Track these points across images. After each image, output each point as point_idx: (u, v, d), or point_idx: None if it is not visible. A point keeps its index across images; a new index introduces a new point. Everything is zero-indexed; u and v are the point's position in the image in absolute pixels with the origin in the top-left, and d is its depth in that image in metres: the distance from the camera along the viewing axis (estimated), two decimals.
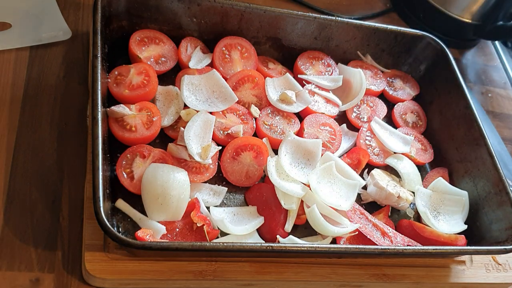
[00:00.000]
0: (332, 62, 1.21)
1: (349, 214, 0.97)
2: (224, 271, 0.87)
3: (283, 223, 0.94)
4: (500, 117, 1.48)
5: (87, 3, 1.16)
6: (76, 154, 0.94)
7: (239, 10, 1.09)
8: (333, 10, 1.48)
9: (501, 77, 1.60)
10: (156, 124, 0.96)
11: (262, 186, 0.98)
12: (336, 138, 1.09)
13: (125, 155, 0.92)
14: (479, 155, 1.09)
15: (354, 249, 0.88)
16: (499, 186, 1.04)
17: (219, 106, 1.02)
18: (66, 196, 0.90)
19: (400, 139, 1.15)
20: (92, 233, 0.83)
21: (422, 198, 1.07)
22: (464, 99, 1.15)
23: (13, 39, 1.04)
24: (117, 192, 0.89)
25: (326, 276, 0.93)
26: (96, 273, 0.80)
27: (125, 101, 0.97)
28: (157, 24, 1.08)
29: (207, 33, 1.12)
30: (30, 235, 0.84)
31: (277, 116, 1.08)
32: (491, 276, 1.05)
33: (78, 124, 0.98)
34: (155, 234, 0.85)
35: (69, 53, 1.06)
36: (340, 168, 1.03)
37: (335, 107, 1.15)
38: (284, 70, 1.17)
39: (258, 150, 1.00)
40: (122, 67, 1.00)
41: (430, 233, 1.00)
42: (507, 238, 0.99)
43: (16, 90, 0.98)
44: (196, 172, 0.94)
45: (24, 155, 0.91)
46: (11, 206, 0.86)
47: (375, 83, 1.23)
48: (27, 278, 0.80)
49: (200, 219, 0.87)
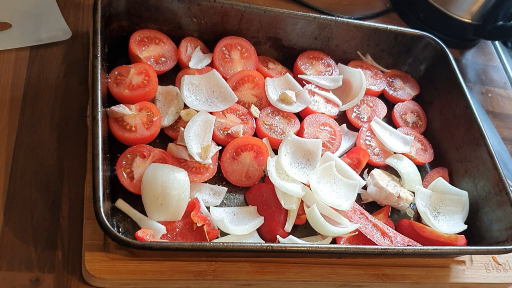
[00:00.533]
0: (332, 62, 1.21)
1: (349, 214, 0.97)
2: (224, 271, 0.87)
3: (283, 223, 0.94)
4: (500, 117, 1.48)
5: (87, 3, 1.16)
6: (76, 154, 0.94)
7: (239, 10, 1.09)
8: (333, 10, 1.48)
9: (501, 77, 1.60)
10: (156, 124, 0.96)
11: (262, 186, 0.98)
12: (336, 138, 1.09)
13: (125, 155, 0.92)
14: (479, 155, 1.09)
15: (354, 249, 0.88)
16: (499, 186, 1.04)
17: (219, 106, 1.02)
18: (66, 196, 0.90)
19: (400, 139, 1.15)
20: (92, 233, 0.83)
21: (422, 198, 1.07)
22: (464, 99, 1.15)
23: (13, 39, 1.04)
24: (117, 192, 0.89)
25: (326, 276, 0.93)
26: (96, 273, 0.80)
27: (125, 101, 0.97)
28: (157, 24, 1.08)
29: (207, 33, 1.12)
30: (30, 235, 0.84)
31: (277, 116, 1.08)
32: (491, 276, 1.05)
33: (78, 124, 0.98)
34: (155, 234, 0.85)
35: (69, 53, 1.06)
36: (340, 168, 1.03)
37: (335, 107, 1.15)
38: (284, 70, 1.17)
39: (258, 150, 1.00)
40: (122, 67, 1.00)
41: (430, 233, 1.00)
42: (507, 238, 0.99)
43: (16, 90, 0.98)
44: (196, 172, 0.94)
45: (24, 155, 0.91)
46: (11, 206, 0.86)
47: (375, 83, 1.23)
48: (27, 278, 0.80)
49: (200, 219, 0.87)
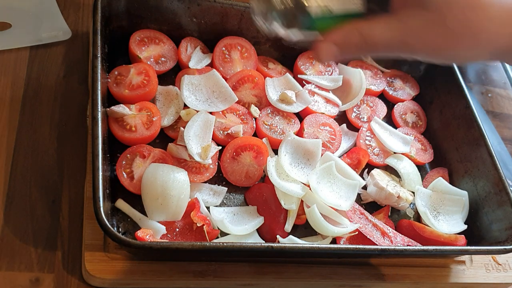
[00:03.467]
0: (332, 62, 1.21)
1: (349, 214, 0.97)
2: (224, 271, 0.87)
3: (283, 223, 0.94)
4: (500, 117, 1.48)
5: (87, 3, 1.16)
6: (76, 154, 0.94)
7: (239, 10, 1.09)
8: None
9: (501, 77, 1.60)
10: (156, 124, 0.96)
11: (262, 186, 0.98)
12: (336, 138, 1.09)
13: (125, 155, 0.92)
14: (479, 155, 1.09)
15: (354, 249, 0.88)
16: (499, 186, 1.04)
17: (219, 106, 1.02)
18: (66, 196, 0.90)
19: (400, 139, 1.15)
20: (92, 233, 0.83)
21: (422, 198, 1.07)
22: (464, 99, 1.15)
23: (13, 39, 1.04)
24: (117, 192, 0.89)
25: (326, 276, 0.93)
26: (96, 273, 0.80)
27: (125, 101, 0.97)
28: (157, 24, 1.08)
29: (207, 33, 1.12)
30: (30, 235, 0.84)
31: (277, 116, 1.08)
32: (491, 276, 1.05)
33: (78, 124, 0.98)
34: (155, 234, 0.85)
35: (69, 53, 1.06)
36: (340, 168, 1.03)
37: (335, 107, 1.14)
38: (284, 70, 1.17)
39: (258, 150, 1.00)
40: (122, 67, 1.00)
41: (430, 233, 1.00)
42: (507, 238, 0.99)
43: (16, 90, 0.98)
44: (196, 172, 0.94)
45: (24, 155, 0.91)
46: (11, 206, 0.86)
47: (375, 83, 1.23)
48: (27, 278, 0.80)
49: (200, 219, 0.87)
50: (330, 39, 0.69)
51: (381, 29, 0.65)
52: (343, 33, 0.68)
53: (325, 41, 0.69)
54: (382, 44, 0.66)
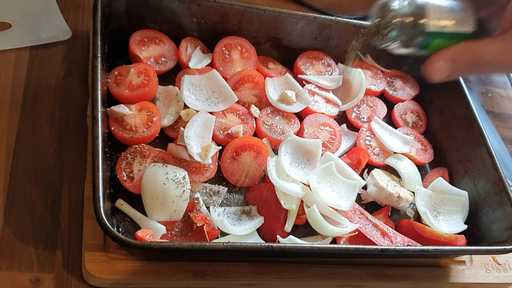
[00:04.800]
0: (332, 62, 1.21)
1: (349, 214, 0.97)
2: (224, 271, 0.87)
3: (283, 223, 0.94)
4: (500, 117, 1.48)
5: (87, 3, 1.16)
6: (76, 154, 0.94)
7: (239, 10, 1.09)
8: (333, 10, 1.47)
9: (501, 77, 1.60)
10: (156, 124, 0.96)
11: (262, 186, 0.98)
12: (336, 138, 1.09)
13: (125, 155, 0.92)
14: (479, 155, 1.09)
15: (354, 249, 0.88)
16: (499, 186, 1.04)
17: (219, 106, 1.02)
18: (66, 196, 0.90)
19: (400, 139, 1.15)
20: (92, 233, 0.83)
21: (422, 198, 1.07)
22: (464, 99, 1.15)
23: (13, 39, 1.04)
24: (117, 192, 0.89)
25: (326, 276, 0.93)
26: (96, 273, 0.80)
27: (125, 101, 0.97)
28: (157, 24, 1.08)
29: (207, 33, 1.12)
30: (30, 235, 0.84)
31: (277, 116, 1.08)
32: (491, 276, 1.05)
33: (78, 124, 0.98)
34: (155, 234, 0.85)
35: (69, 53, 1.06)
36: (340, 168, 1.03)
37: (335, 107, 1.15)
38: (284, 70, 1.17)
39: (258, 150, 1.00)
40: (122, 67, 1.00)
41: (430, 233, 1.00)
42: (507, 238, 0.99)
43: (16, 90, 0.98)
44: (196, 172, 0.94)
45: (24, 155, 0.91)
46: (11, 206, 0.86)
47: (375, 83, 1.22)
48: (27, 278, 0.80)
49: (200, 219, 0.87)
50: (443, 56, 0.70)
51: (492, 49, 0.67)
52: (456, 51, 0.70)
53: (438, 59, 0.71)
54: (493, 63, 0.68)
